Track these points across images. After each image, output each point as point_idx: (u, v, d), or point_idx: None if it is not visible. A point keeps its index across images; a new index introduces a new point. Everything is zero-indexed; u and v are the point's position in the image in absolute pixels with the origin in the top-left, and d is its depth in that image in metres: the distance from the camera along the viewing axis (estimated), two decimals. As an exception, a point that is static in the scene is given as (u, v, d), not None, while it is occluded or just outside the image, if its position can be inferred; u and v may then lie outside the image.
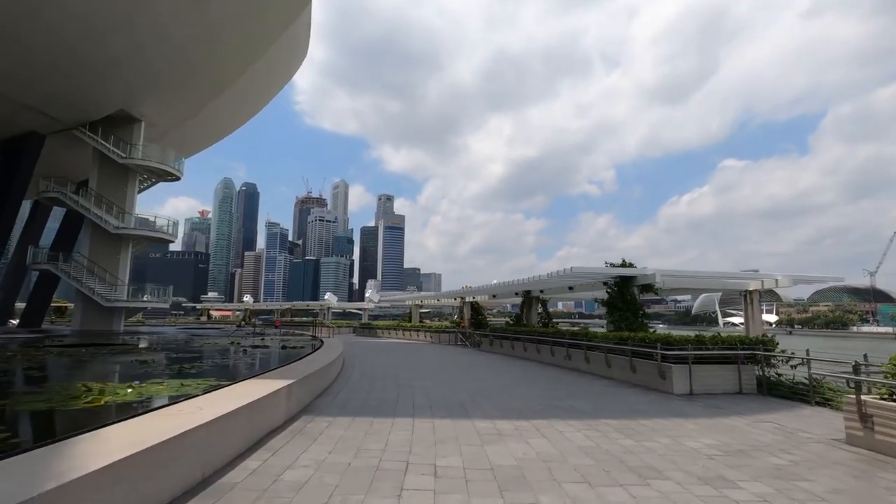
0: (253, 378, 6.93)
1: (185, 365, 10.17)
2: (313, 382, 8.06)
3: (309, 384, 7.73)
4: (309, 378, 7.71)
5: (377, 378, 11.65)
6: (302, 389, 7.27)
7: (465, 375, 13.13)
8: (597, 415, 7.74)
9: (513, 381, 12.19)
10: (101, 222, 28.72)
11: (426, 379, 11.79)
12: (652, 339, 11.80)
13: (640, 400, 9.43)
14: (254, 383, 6.40)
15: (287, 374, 7.43)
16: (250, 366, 10.54)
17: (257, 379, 6.89)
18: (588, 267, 16.71)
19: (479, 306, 34.20)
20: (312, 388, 8.12)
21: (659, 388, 10.76)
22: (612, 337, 13.72)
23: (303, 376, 7.33)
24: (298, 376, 7.19)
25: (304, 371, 7.81)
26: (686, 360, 10.46)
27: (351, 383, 10.58)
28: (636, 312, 16.77)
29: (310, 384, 7.80)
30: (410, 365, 15.44)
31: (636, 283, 17.04)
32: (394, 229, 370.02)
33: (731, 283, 18.34)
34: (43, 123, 28.16)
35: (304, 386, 7.42)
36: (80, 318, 29.02)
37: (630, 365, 12.06)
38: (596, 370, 14.01)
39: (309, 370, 8.01)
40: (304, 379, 7.32)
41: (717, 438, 6.28)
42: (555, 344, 17.18)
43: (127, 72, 26.07)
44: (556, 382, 11.94)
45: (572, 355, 15.73)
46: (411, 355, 19.69)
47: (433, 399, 8.78)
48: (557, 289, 22.94)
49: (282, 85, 39.29)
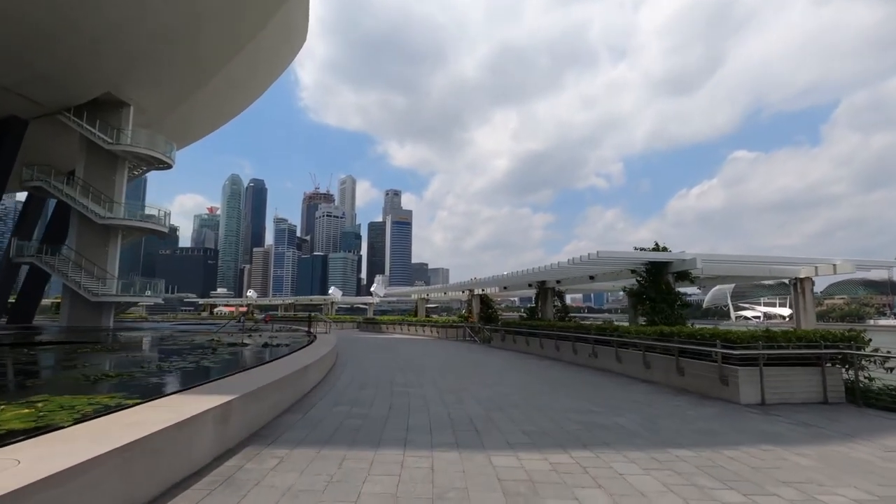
0: (177, 394, 4.92)
1: (112, 373, 8.15)
2: (274, 395, 6.04)
3: (266, 398, 5.70)
4: (266, 390, 5.69)
5: (368, 384, 9.63)
6: (252, 407, 5.25)
7: (475, 379, 11.06)
8: (658, 440, 5.63)
9: (533, 385, 10.09)
10: (86, 212, 27.04)
11: (428, 384, 9.74)
12: (706, 334, 9.63)
13: (703, 414, 7.29)
14: (169, 403, 4.39)
15: (230, 386, 5.41)
16: (199, 372, 8.53)
17: (183, 395, 4.88)
18: (616, 251, 14.52)
19: (489, 299, 32.12)
20: (274, 401, 6.10)
21: (719, 395, 8.60)
22: (651, 332, 11.56)
23: (254, 389, 5.31)
24: (246, 389, 5.17)
25: (258, 381, 5.79)
26: (755, 362, 8.29)
27: (334, 391, 8.56)
28: (672, 303, 14.59)
29: (267, 398, 5.77)
30: (411, 365, 13.41)
31: (671, 269, 14.84)
32: (401, 224, 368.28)
33: (778, 270, 16.04)
34: (24, 107, 26.46)
35: (257, 401, 5.40)
36: (67, 314, 27.47)
37: (676, 366, 9.91)
38: (630, 371, 11.87)
39: (267, 379, 5.99)
40: (254, 393, 5.29)
41: (861, 487, 4.15)
42: (577, 340, 15.05)
43: (109, 51, 24.25)
44: (587, 388, 9.82)
45: (599, 353, 13.60)
46: (414, 353, 17.66)
47: (435, 415, 6.72)
48: (576, 279, 20.76)
49: (279, 72, 37.32)
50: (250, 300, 67.62)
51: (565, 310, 24.12)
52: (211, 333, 21.43)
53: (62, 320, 27.85)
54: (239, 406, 4.87)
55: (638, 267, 16.08)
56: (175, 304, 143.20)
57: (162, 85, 29.13)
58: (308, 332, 20.36)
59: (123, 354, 10.98)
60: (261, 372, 6.64)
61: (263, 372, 6.64)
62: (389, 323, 37.20)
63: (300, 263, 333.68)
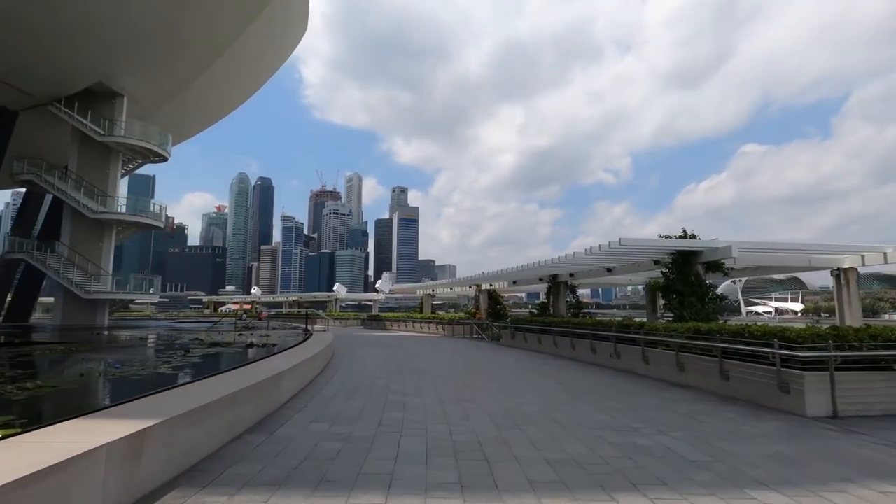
0: (75, 419, 3.60)
1: (32, 386, 6.87)
2: (223, 414, 4.72)
3: (209, 419, 4.38)
4: (212, 409, 4.37)
5: (360, 391, 8.31)
6: (184, 434, 3.92)
7: (483, 384, 9.69)
8: (727, 473, 4.23)
9: (552, 392, 8.70)
10: (79, 206, 26.05)
11: (429, 391, 8.40)
12: (755, 331, 8.17)
13: (766, 431, 5.86)
14: (48, 436, 3.09)
15: (155, 406, 4.10)
16: (146, 382, 7.20)
17: (83, 420, 3.57)
18: (640, 239, 13.06)
19: (497, 295, 30.72)
20: (227, 421, 4.79)
21: (776, 405, 7.17)
22: (683, 330, 10.11)
23: (189, 409, 3.99)
24: (176, 410, 3.85)
25: (202, 396, 4.47)
26: (825, 365, 6.84)
27: (317, 401, 7.25)
28: (703, 297, 13.10)
29: (213, 419, 4.45)
30: (413, 367, 12.08)
31: (701, 259, 13.34)
32: (408, 221, 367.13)
33: (819, 259, 14.46)
34: (12, 97, 25.46)
35: (194, 425, 4.08)
36: (61, 312, 26.52)
37: (719, 369, 8.47)
38: (659, 374, 10.45)
39: (216, 393, 4.67)
40: (189, 415, 3.97)
41: None
42: (596, 338, 13.63)
43: (96, 38, 23.13)
44: (615, 395, 8.41)
45: (622, 353, 12.17)
46: (417, 353, 16.34)
47: (434, 436, 5.36)
48: (592, 271, 19.29)
49: (278, 64, 36.12)
50: (254, 297, 66.94)
51: (579, 305, 22.65)
52: (201, 332, 20.36)
53: (55, 319, 26.93)
54: (160, 435, 3.55)
55: (663, 257, 14.60)
56: (185, 302, 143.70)
57: (155, 74, 28.00)
58: (305, 329, 19.13)
59: (81, 358, 9.79)
60: (213, 383, 5.32)
61: (216, 383, 5.32)
62: (394, 320, 35.95)
63: (308, 261, 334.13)
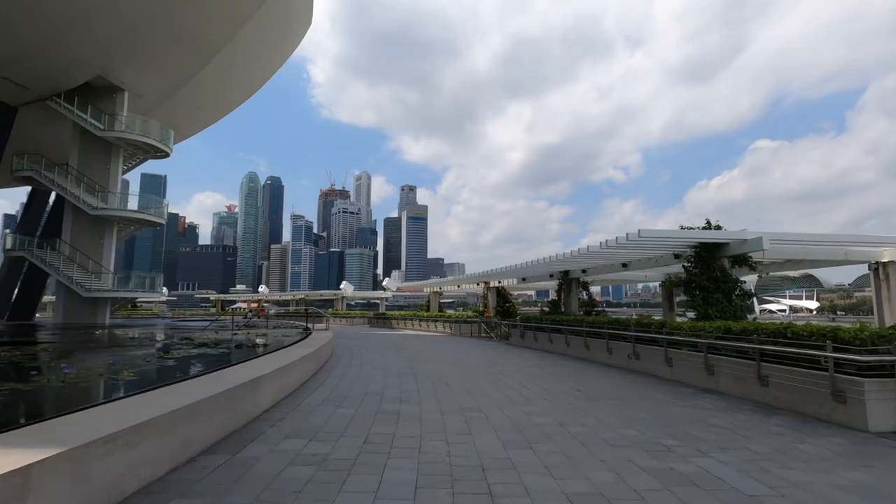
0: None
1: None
2: (173, 433, 3.88)
3: (149, 439, 3.55)
4: (150, 429, 3.53)
5: (350, 398, 7.47)
6: (103, 465, 3.08)
7: (490, 390, 8.78)
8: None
9: (567, 399, 7.77)
10: (78, 203, 25.59)
11: (428, 399, 7.52)
12: (800, 331, 7.17)
13: (826, 451, 4.89)
14: None
15: (76, 427, 3.27)
16: (94, 392, 6.31)
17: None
18: (660, 230, 12.04)
19: (506, 292, 29.77)
20: (177, 442, 3.95)
21: (828, 417, 6.18)
22: (712, 329, 9.12)
23: (115, 430, 3.15)
24: (85, 438, 3.01)
25: (136, 415, 3.63)
26: (888, 371, 5.85)
27: (299, 411, 6.40)
28: (729, 293, 12.05)
29: (155, 439, 3.62)
30: (414, 369, 11.22)
31: (727, 252, 12.28)
32: (417, 219, 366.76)
33: (856, 252, 13.32)
34: (11, 92, 25.05)
35: (124, 449, 3.24)
36: (62, 310, 26.13)
37: (757, 374, 7.48)
38: (685, 377, 9.47)
39: (161, 408, 3.83)
40: (116, 437, 3.13)
41: None
42: (612, 337, 12.66)
43: (95, 28, 22.57)
44: (639, 403, 7.45)
45: (641, 353, 11.20)
46: (420, 353, 15.47)
47: (428, 459, 4.48)
48: (606, 267, 18.27)
49: (283, 58, 35.46)
50: (261, 295, 66.75)
51: (591, 303, 21.62)
52: (195, 331, 19.79)
53: (56, 317, 26.56)
54: (63, 468, 2.72)
55: (684, 251, 13.57)
56: (194, 301, 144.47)
57: (156, 68, 27.43)
58: (305, 328, 18.39)
59: (49, 359, 9.06)
60: (163, 395, 4.48)
61: (168, 394, 4.49)
62: (400, 318, 35.16)
63: (317, 259, 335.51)
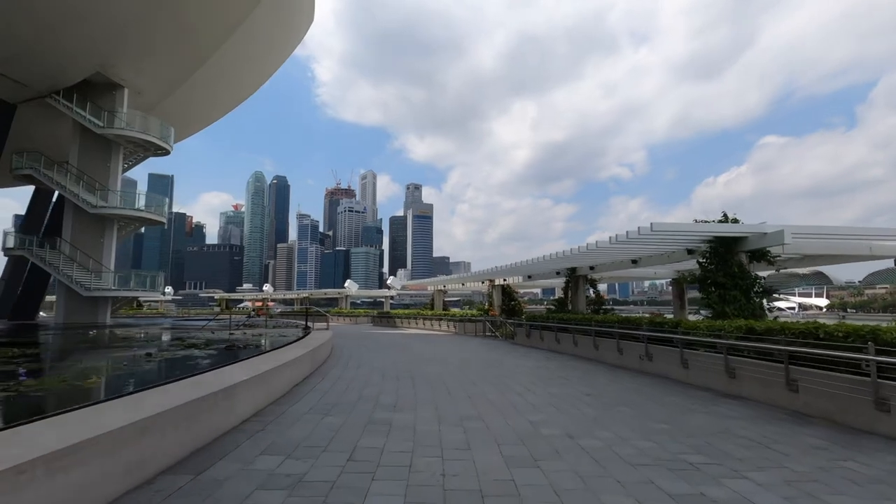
0: None
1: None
2: (122, 451, 3.34)
3: (91, 463, 3.01)
4: (91, 449, 2.99)
5: (340, 405, 6.91)
6: (25, 497, 2.53)
7: (493, 394, 8.19)
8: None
9: (577, 406, 7.17)
10: (78, 201, 25.29)
11: (426, 406, 6.95)
12: (834, 331, 6.51)
13: (879, 469, 4.24)
14: None
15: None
16: (44, 403, 5.79)
17: None
18: (675, 224, 11.38)
19: (512, 290, 29.14)
20: (128, 462, 3.41)
21: (871, 428, 5.51)
22: (732, 328, 8.48)
23: (21, 462, 2.59)
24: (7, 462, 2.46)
25: (79, 432, 3.09)
26: (942, 377, 5.19)
27: (282, 421, 5.85)
28: (748, 290, 11.37)
29: (99, 461, 3.08)
30: (413, 372, 10.66)
31: (745, 246, 11.60)
32: (422, 218, 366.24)
33: (880, 247, 12.56)
34: (9, 89, 24.79)
35: (51, 477, 2.69)
36: (62, 310, 25.85)
37: (786, 379, 6.83)
38: (703, 381, 8.82)
39: (107, 427, 3.29)
40: (26, 466, 2.58)
41: None
42: (623, 337, 12.03)
43: (93, 24, 22.20)
44: (656, 411, 6.84)
45: (654, 354, 10.56)
46: (421, 354, 14.91)
47: (419, 480, 3.88)
48: (615, 264, 17.62)
49: (285, 54, 35.02)
50: (265, 294, 66.62)
51: (599, 301, 20.90)
52: (193, 330, 19.40)
53: (56, 316, 26.29)
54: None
55: (698, 246, 12.89)
56: (202, 300, 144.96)
57: (156, 64, 27.06)
58: (305, 328, 17.91)
59: (17, 363, 8.54)
60: (115, 407, 3.93)
61: (120, 407, 3.93)
62: (404, 317, 34.63)
63: (323, 258, 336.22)
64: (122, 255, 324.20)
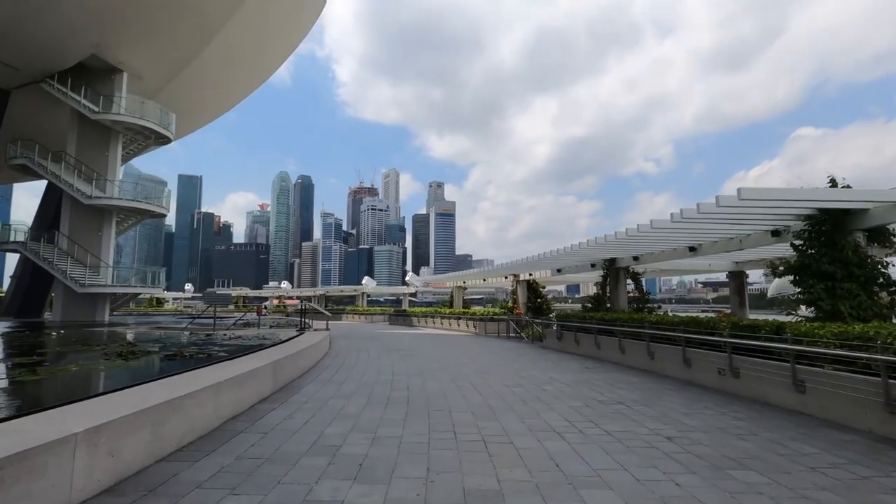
0: None
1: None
2: None
3: None
4: None
5: (261, 471, 4.40)
6: None
7: (519, 437, 5.52)
8: None
9: (663, 468, 4.45)
10: (72, 191, 23.79)
11: (411, 462, 4.38)
12: None
13: None
14: None
15: None
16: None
17: None
18: (759, 188, 8.35)
19: (538, 286, 26.31)
20: None
21: None
22: (887, 335, 5.57)
23: None
24: None
25: None
26: None
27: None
28: (867, 282, 8.31)
29: None
30: (412, 390, 8.08)
31: (861, 223, 8.55)
32: (444, 216, 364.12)
33: None
34: (1, 73, 23.46)
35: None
36: (60, 307, 24.49)
37: None
38: (833, 413, 5.92)
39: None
40: None
41: None
42: (689, 344, 9.16)
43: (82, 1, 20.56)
44: (809, 478, 4.05)
45: (742, 368, 7.68)
46: (430, 362, 12.29)
47: None
48: (665, 253, 14.63)
49: (294, 43, 33.04)
50: (283, 292, 65.68)
51: (643, 298, 17.84)
52: (173, 330, 17.46)
53: (55, 315, 24.95)
54: None
55: (787, 226, 9.88)
56: (226, 298, 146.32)
57: (155, 45, 25.30)
58: (300, 328, 15.66)
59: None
60: None
61: None
62: (421, 315, 32.20)
63: (347, 256, 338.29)
64: (152, 254, 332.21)
